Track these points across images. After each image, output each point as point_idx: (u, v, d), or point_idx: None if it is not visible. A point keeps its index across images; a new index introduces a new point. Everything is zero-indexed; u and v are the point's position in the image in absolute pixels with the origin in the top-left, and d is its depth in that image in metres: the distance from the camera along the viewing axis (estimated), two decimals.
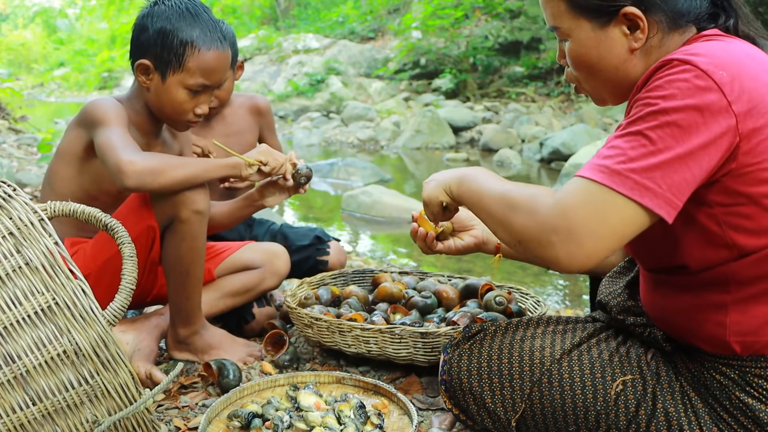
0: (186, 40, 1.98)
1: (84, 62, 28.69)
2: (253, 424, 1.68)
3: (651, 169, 1.21)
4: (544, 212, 1.28)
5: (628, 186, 1.22)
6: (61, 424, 1.29)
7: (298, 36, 19.17)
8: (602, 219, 1.23)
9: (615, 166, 1.23)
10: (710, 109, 1.21)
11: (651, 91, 1.26)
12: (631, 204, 1.22)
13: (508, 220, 1.36)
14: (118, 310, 1.33)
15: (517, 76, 14.17)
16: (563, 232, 1.25)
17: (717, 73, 1.22)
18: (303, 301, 2.33)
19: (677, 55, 1.26)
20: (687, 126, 1.21)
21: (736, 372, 1.39)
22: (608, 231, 1.24)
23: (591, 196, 1.24)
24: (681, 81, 1.23)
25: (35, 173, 5.84)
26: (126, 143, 1.88)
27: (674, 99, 1.22)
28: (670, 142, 1.21)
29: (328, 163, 8.19)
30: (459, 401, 1.69)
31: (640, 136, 1.23)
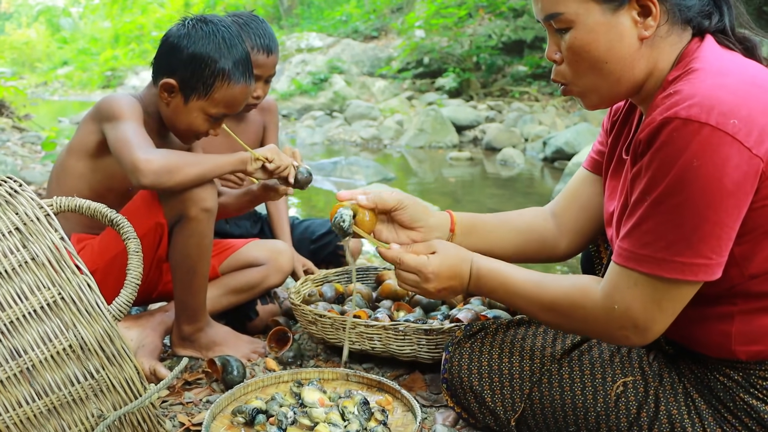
0: (217, 72, 1.99)
1: (87, 61, 28.71)
2: (257, 420, 1.68)
3: (693, 247, 1.22)
4: (605, 317, 1.35)
5: (678, 269, 1.24)
6: (66, 419, 1.30)
7: (302, 35, 19.15)
8: (663, 307, 1.29)
9: (658, 254, 1.24)
10: (732, 163, 1.17)
11: (666, 160, 1.20)
12: (685, 283, 1.26)
13: (568, 328, 1.49)
14: (124, 305, 1.33)
15: (520, 75, 14.15)
16: (630, 328, 1.32)
17: (729, 124, 1.17)
18: (307, 298, 2.33)
19: (681, 113, 1.19)
20: (717, 189, 1.18)
21: (741, 374, 1.39)
22: (671, 312, 1.30)
23: (644, 288, 1.28)
24: (695, 146, 1.17)
25: (39, 171, 5.85)
26: (141, 140, 1.88)
27: (691, 167, 1.18)
28: (705, 212, 1.20)
29: (332, 162, 8.19)
30: (460, 399, 1.69)
31: (670, 214, 1.22)
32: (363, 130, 12.08)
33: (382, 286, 2.42)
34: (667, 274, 1.24)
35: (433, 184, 8.31)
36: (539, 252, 1.82)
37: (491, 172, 8.96)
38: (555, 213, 1.82)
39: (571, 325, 1.45)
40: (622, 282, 1.30)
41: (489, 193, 7.49)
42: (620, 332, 1.34)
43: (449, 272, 1.55)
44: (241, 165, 2.03)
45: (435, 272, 1.54)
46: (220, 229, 2.57)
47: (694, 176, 1.18)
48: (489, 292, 1.56)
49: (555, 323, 1.50)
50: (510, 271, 1.54)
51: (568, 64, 1.40)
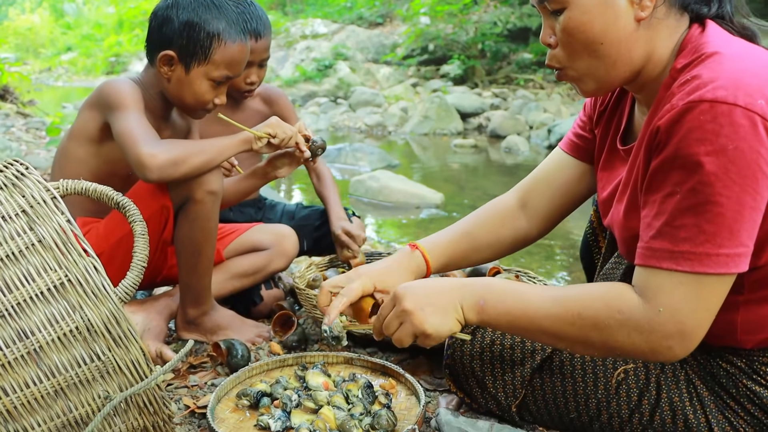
0: (213, 32, 1.99)
1: (91, 47, 28.68)
2: (261, 403, 1.69)
3: (734, 236, 1.16)
4: (648, 323, 1.21)
5: (723, 263, 1.16)
6: (73, 399, 1.31)
7: (306, 21, 19.12)
8: (709, 304, 1.20)
9: (699, 248, 1.16)
10: (764, 144, 1.13)
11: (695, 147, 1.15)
12: (727, 278, 1.19)
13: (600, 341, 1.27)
14: (130, 287, 1.34)
15: (525, 62, 14.11)
16: (677, 335, 1.21)
17: (757, 105, 1.13)
18: (311, 282, 2.34)
19: (707, 95, 1.15)
20: (755, 172, 1.14)
21: (744, 361, 1.39)
22: (711, 311, 1.21)
23: (689, 288, 1.19)
24: (726, 128, 1.13)
25: (44, 157, 5.86)
26: (146, 133, 1.88)
27: (726, 151, 1.13)
28: (744, 198, 1.14)
29: (336, 148, 8.20)
30: (462, 385, 1.69)
31: (708, 204, 1.15)
32: (367, 117, 12.07)
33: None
34: (712, 270, 1.17)
35: (437, 170, 8.30)
36: (510, 251, 1.77)
37: (495, 160, 8.96)
38: (524, 200, 1.75)
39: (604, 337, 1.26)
40: (665, 284, 1.20)
41: (493, 180, 7.49)
42: (664, 343, 1.21)
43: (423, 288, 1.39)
44: (246, 145, 2.03)
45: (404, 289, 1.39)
46: (224, 217, 2.57)
47: (731, 160, 1.13)
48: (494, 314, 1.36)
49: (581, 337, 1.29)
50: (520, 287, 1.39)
51: (563, 46, 1.35)
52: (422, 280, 1.42)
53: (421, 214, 5.63)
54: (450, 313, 1.36)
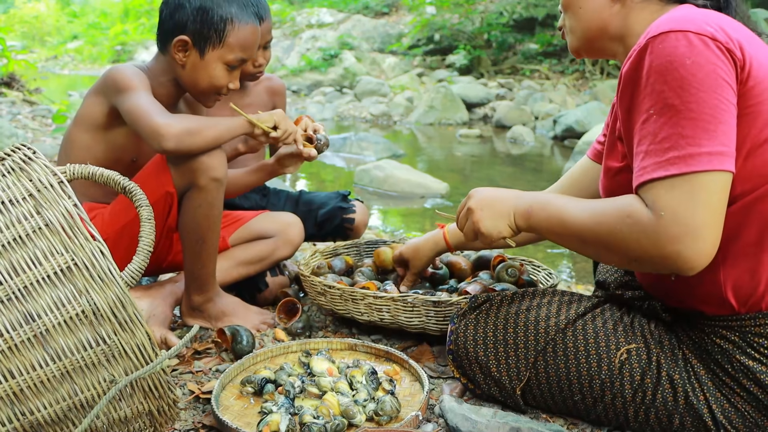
0: (226, 16, 2.00)
1: (97, 35, 28.66)
2: (265, 389, 1.70)
3: (712, 135, 1.24)
4: (654, 228, 1.27)
5: (706, 160, 1.24)
6: (79, 383, 1.32)
7: (312, 10, 19.09)
8: (707, 204, 1.25)
9: (683, 151, 1.25)
10: (720, 58, 1.25)
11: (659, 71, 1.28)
12: (716, 174, 1.24)
13: (616, 246, 1.35)
14: (136, 272, 1.34)
15: (531, 53, 14.07)
16: (683, 236, 1.25)
17: (706, 30, 1.26)
18: (316, 269, 2.35)
19: (662, 27, 1.29)
20: (715, 78, 1.24)
21: (737, 334, 1.41)
22: (714, 209, 1.26)
23: (682, 189, 1.25)
24: (682, 48, 1.26)
25: (50, 144, 5.87)
26: (157, 107, 1.90)
27: (685, 66, 1.25)
28: (712, 101, 1.24)
29: (341, 138, 8.20)
30: (466, 370, 1.70)
31: (681, 112, 1.25)
32: (373, 107, 12.06)
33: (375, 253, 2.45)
34: (699, 167, 1.24)
35: (443, 160, 8.30)
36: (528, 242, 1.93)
37: (501, 150, 8.95)
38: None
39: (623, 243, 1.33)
40: (659, 191, 1.27)
41: (498, 170, 7.48)
42: (671, 247, 1.26)
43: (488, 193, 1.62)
44: (250, 127, 2.04)
45: (474, 191, 1.65)
46: (230, 202, 2.58)
47: (690, 72, 1.25)
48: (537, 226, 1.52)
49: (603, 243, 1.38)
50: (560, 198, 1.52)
51: (561, 6, 1.60)
52: (490, 188, 1.65)
53: (426, 203, 5.63)
54: (503, 218, 1.57)
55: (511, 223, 1.57)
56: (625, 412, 1.53)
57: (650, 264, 1.33)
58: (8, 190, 1.34)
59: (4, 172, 1.38)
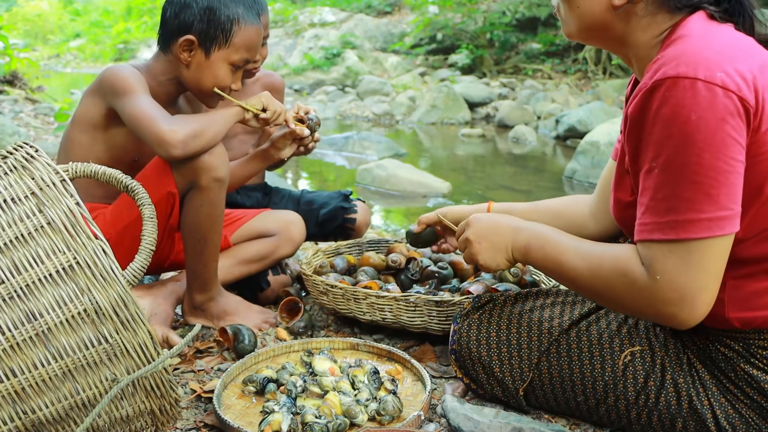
0: (233, 16, 2.01)
1: (100, 34, 28.63)
2: (267, 388, 1.70)
3: (714, 200, 1.22)
4: (649, 291, 1.30)
5: (706, 227, 1.23)
6: (81, 381, 1.32)
7: (315, 9, 19.06)
8: (704, 268, 1.25)
9: (682, 216, 1.24)
10: (728, 111, 1.21)
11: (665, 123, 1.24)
12: (717, 240, 1.24)
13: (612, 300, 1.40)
14: (138, 270, 1.34)
15: (534, 52, 14.06)
16: (678, 301, 1.28)
17: (717, 77, 1.21)
18: (318, 269, 2.35)
19: (669, 72, 1.24)
20: (721, 141, 1.21)
21: (741, 344, 1.40)
22: (711, 273, 1.27)
23: (680, 255, 1.26)
24: (688, 101, 1.21)
25: (52, 142, 5.88)
26: (159, 112, 1.90)
27: (690, 122, 1.21)
28: (717, 164, 1.21)
29: (344, 137, 8.19)
30: (469, 371, 1.70)
31: (683, 173, 1.23)
32: (375, 106, 12.04)
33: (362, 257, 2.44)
34: (696, 235, 1.23)
35: (445, 160, 8.29)
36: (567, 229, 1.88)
37: (503, 149, 8.94)
38: (590, 205, 1.90)
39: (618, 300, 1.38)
40: (657, 254, 1.28)
41: (500, 170, 7.48)
42: (666, 309, 1.29)
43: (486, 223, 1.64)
44: (242, 114, 2.07)
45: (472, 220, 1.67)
46: (231, 200, 2.58)
47: (695, 129, 1.21)
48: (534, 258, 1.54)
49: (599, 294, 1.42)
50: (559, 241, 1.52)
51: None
52: (489, 216, 1.66)
53: (428, 203, 5.63)
54: (501, 252, 1.61)
55: (509, 257, 1.61)
56: (628, 415, 1.52)
57: (645, 318, 1.38)
58: (10, 189, 1.34)
59: (6, 170, 1.38)
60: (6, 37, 8.22)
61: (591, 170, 6.53)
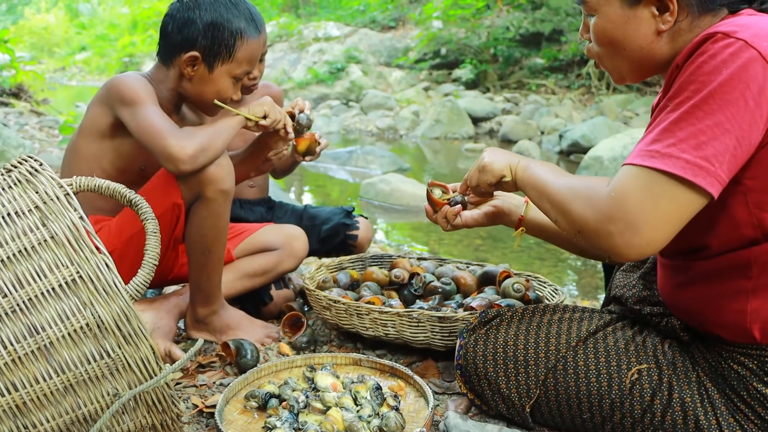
0: (236, 32, 2.02)
1: (105, 47, 28.80)
2: (269, 404, 1.69)
3: (701, 148, 1.21)
4: (600, 202, 1.29)
5: (680, 166, 1.22)
6: (82, 396, 1.31)
7: (319, 24, 19.13)
8: (657, 204, 1.24)
9: (665, 150, 1.23)
10: (756, 80, 1.20)
11: (695, 69, 1.24)
12: (684, 185, 1.22)
13: (568, 210, 1.38)
14: (141, 285, 1.34)
15: (537, 67, 14.09)
16: (620, 222, 1.26)
17: (763, 45, 1.21)
18: (321, 284, 2.34)
19: (720, 28, 1.25)
20: (735, 101, 1.20)
21: (755, 362, 1.39)
22: (665, 216, 1.24)
23: (643, 181, 1.25)
24: (726, 55, 1.22)
25: (56, 155, 5.89)
26: (167, 125, 1.91)
27: (719, 74, 1.21)
28: (720, 118, 1.21)
29: (347, 151, 8.20)
30: (474, 386, 1.69)
31: (687, 115, 1.23)
32: (379, 120, 12.07)
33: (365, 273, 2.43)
34: (667, 168, 1.22)
35: (448, 174, 8.30)
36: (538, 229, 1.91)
37: None
38: None
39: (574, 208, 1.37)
40: (624, 174, 1.29)
41: None
42: (609, 226, 1.27)
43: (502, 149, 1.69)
44: (244, 122, 2.08)
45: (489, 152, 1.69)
46: (235, 214, 2.58)
47: (718, 81, 1.21)
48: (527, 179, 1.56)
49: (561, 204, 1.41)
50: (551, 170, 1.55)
51: (595, 44, 1.50)
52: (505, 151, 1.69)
53: None
54: (508, 158, 1.63)
55: (513, 167, 1.61)
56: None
57: (588, 239, 1.34)
58: (14, 202, 1.34)
59: (10, 183, 1.38)
60: (12, 50, 8.27)
61: None
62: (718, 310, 1.40)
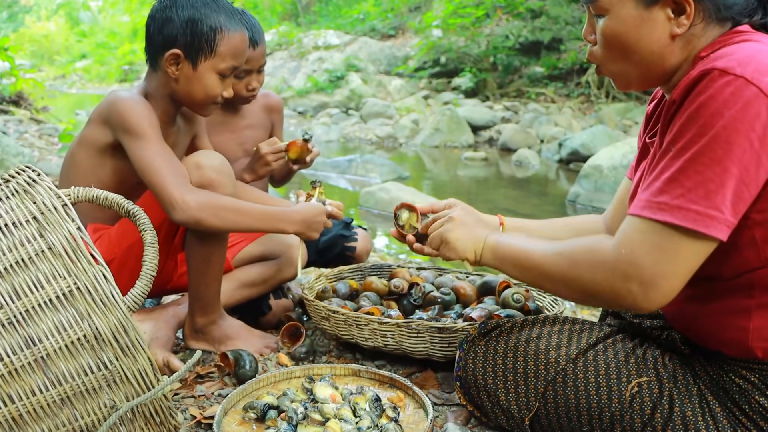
0: (215, 25, 2.00)
1: (106, 54, 28.84)
2: (268, 415, 1.68)
3: (710, 197, 1.19)
4: (611, 263, 1.28)
5: (691, 219, 1.20)
6: (79, 408, 1.30)
7: (319, 32, 19.17)
8: (673, 259, 1.23)
9: (674, 201, 1.22)
10: (759, 119, 1.17)
11: (695, 111, 1.21)
12: (697, 237, 1.22)
13: (573, 279, 1.38)
14: (139, 296, 1.33)
15: (537, 76, 14.10)
16: (637, 280, 1.25)
17: (763, 81, 1.18)
18: (320, 293, 2.33)
19: (718, 64, 1.21)
20: (740, 144, 1.18)
21: (757, 376, 1.38)
22: (681, 268, 1.24)
23: (656, 237, 1.23)
24: (726, 95, 1.18)
25: (56, 163, 5.88)
26: (175, 171, 1.89)
27: (721, 117, 1.18)
28: (726, 164, 1.18)
29: (347, 160, 8.20)
30: (473, 398, 1.68)
31: (692, 163, 1.20)
32: (379, 129, 12.08)
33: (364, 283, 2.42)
34: (679, 222, 1.21)
35: (448, 183, 8.30)
36: None
37: (506, 173, 8.95)
38: (606, 220, 1.88)
39: (580, 274, 1.36)
40: (632, 228, 1.27)
41: (503, 193, 7.48)
42: (624, 284, 1.27)
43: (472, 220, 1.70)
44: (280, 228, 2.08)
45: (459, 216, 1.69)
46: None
47: (721, 125, 1.18)
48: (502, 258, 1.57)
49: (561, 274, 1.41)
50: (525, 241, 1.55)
51: (601, 48, 1.44)
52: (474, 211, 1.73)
53: None
54: (472, 243, 1.64)
55: (478, 251, 1.63)
56: None
57: (604, 300, 1.35)
58: (11, 213, 1.34)
59: (8, 193, 1.37)
60: (12, 58, 8.27)
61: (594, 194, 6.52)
62: (720, 327, 1.39)
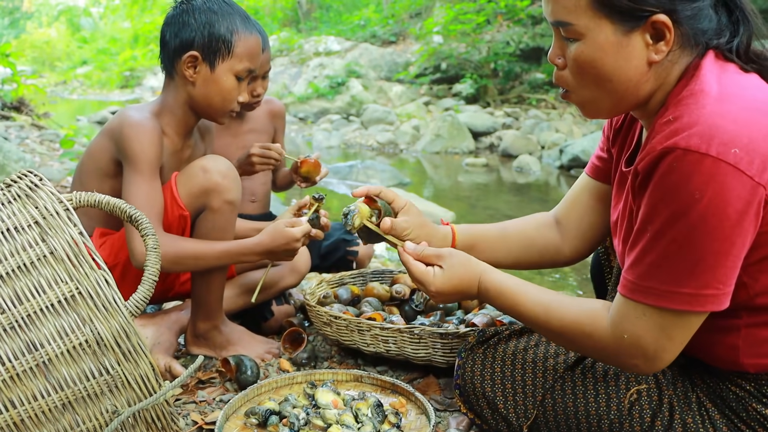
0: (231, 27, 2.01)
1: (107, 61, 28.86)
2: (270, 421, 1.68)
3: (699, 277, 1.20)
4: (614, 348, 1.33)
5: (685, 301, 1.22)
6: (81, 413, 1.30)
7: (320, 38, 19.19)
8: (671, 337, 1.27)
9: (663, 286, 1.23)
10: (734, 194, 1.14)
11: (667, 192, 1.18)
12: (693, 314, 1.25)
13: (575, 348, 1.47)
14: (140, 301, 1.33)
15: (537, 82, 14.10)
16: (641, 357, 1.30)
17: (730, 154, 1.13)
18: (322, 299, 2.33)
19: (680, 142, 1.16)
20: (720, 224, 1.16)
21: (752, 384, 1.38)
22: (680, 341, 1.28)
23: (654, 320, 1.26)
24: (697, 179, 1.14)
25: (57, 168, 5.88)
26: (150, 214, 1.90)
27: (696, 202, 1.15)
28: (712, 246, 1.18)
29: (348, 166, 8.20)
30: (473, 405, 1.68)
31: (673, 246, 1.20)
32: (379, 135, 12.07)
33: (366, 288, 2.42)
34: (673, 306, 1.23)
35: (449, 189, 8.29)
36: (541, 260, 1.88)
37: (507, 179, 8.94)
38: (558, 218, 1.86)
39: (581, 350, 1.46)
40: (630, 313, 1.29)
41: (504, 199, 7.47)
42: (630, 361, 1.33)
43: (453, 289, 1.56)
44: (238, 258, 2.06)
45: (438, 289, 1.56)
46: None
47: (696, 209, 1.15)
48: (499, 309, 1.56)
49: (566, 347, 1.53)
50: (519, 291, 1.50)
51: (572, 73, 1.35)
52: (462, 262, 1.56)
53: None
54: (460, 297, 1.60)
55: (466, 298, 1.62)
56: None
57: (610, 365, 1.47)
58: (14, 217, 1.33)
59: (10, 198, 1.37)
60: (14, 64, 8.28)
61: None
62: (711, 344, 1.39)
